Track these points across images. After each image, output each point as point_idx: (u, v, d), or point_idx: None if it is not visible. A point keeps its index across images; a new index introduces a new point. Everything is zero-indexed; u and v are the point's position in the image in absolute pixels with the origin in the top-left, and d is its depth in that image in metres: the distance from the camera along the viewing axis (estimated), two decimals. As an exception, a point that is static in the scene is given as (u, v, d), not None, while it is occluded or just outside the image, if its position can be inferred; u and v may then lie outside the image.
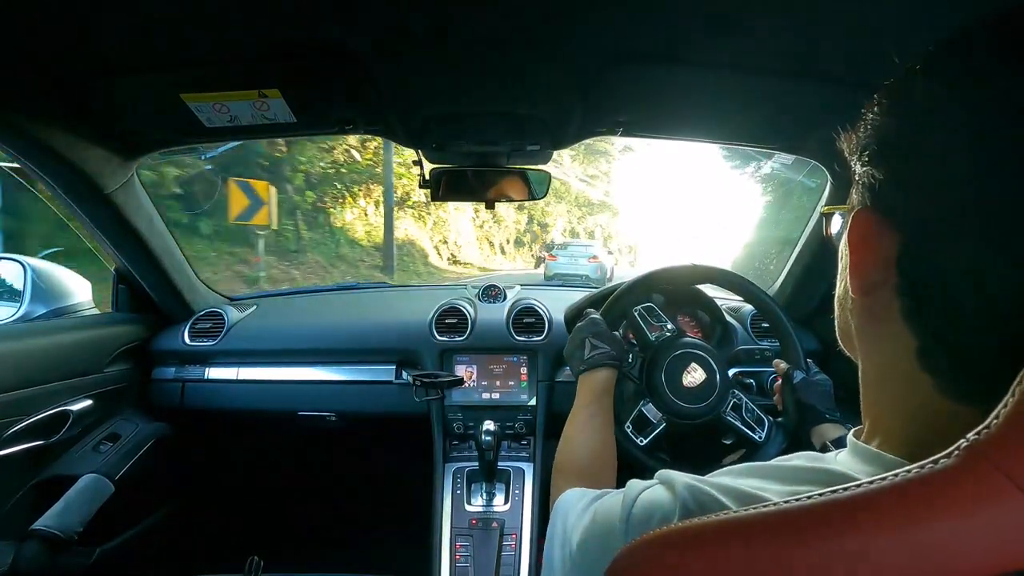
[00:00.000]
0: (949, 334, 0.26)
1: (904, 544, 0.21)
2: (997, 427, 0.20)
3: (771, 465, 0.34)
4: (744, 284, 0.95)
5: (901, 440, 0.29)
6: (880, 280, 0.30)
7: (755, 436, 0.86)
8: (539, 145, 1.05)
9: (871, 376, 0.33)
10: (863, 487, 0.23)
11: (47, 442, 1.03)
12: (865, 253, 0.30)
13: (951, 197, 0.26)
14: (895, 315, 0.29)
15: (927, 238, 0.27)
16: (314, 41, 0.70)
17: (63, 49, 0.69)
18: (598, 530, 0.39)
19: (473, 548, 1.05)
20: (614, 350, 0.82)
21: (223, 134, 0.93)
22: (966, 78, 0.26)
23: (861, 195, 0.31)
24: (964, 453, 0.21)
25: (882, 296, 0.30)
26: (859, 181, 0.32)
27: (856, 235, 0.31)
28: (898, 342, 0.29)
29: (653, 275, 0.96)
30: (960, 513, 0.20)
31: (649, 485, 0.37)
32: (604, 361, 0.80)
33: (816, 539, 0.23)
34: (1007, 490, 0.19)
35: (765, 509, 0.25)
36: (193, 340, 1.30)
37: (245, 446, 1.60)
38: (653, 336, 0.91)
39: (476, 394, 1.25)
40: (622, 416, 0.87)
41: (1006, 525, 0.20)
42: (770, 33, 0.66)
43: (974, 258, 0.25)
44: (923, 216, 0.27)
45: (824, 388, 0.83)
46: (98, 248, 1.19)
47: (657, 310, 0.93)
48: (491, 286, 1.51)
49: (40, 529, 0.95)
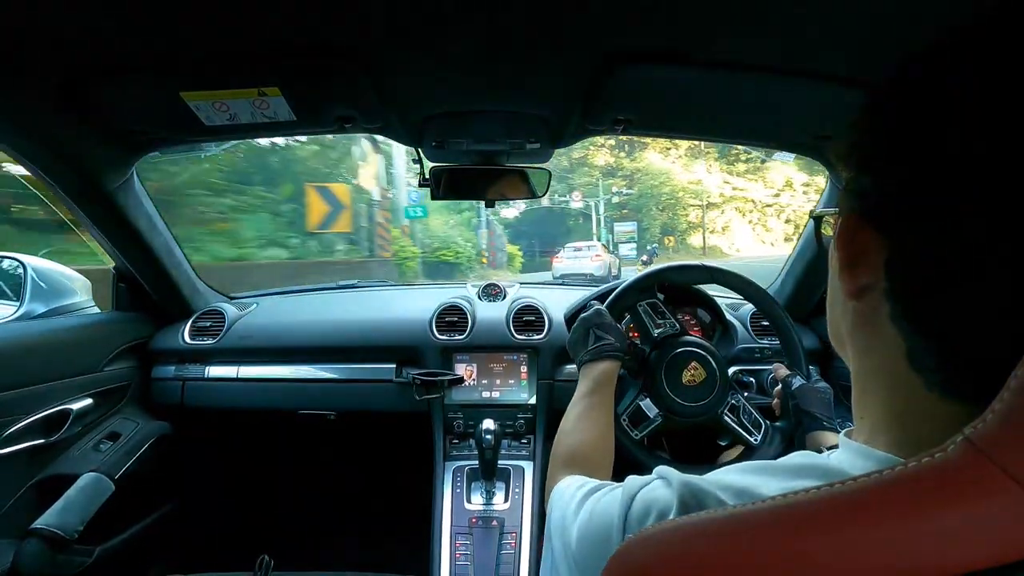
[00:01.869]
0: (938, 335, 0.27)
1: (898, 536, 0.21)
2: (992, 421, 0.20)
3: (767, 463, 0.34)
4: (747, 284, 0.96)
5: (894, 438, 0.30)
6: (869, 284, 0.30)
7: (751, 439, 0.87)
8: (539, 143, 1.05)
9: (862, 377, 0.34)
10: (858, 481, 0.23)
11: (47, 441, 1.03)
12: (853, 256, 0.31)
13: (939, 201, 0.25)
14: (884, 318, 0.29)
15: (914, 242, 0.27)
16: (314, 40, 0.70)
17: (62, 47, 0.69)
18: (596, 526, 0.39)
19: (473, 547, 1.05)
20: (618, 342, 0.82)
21: (223, 132, 0.93)
22: (953, 79, 0.26)
23: (850, 200, 0.31)
24: (959, 446, 0.21)
25: (872, 300, 0.30)
26: (848, 186, 0.32)
27: (844, 239, 0.31)
28: (888, 344, 0.29)
29: (657, 273, 0.97)
30: (955, 505, 0.20)
31: (647, 481, 0.38)
32: (607, 352, 0.80)
33: (812, 532, 0.23)
34: (1002, 482, 0.19)
35: (762, 504, 0.25)
36: (193, 339, 1.30)
37: (245, 445, 1.60)
38: (656, 332, 0.91)
39: (476, 393, 1.25)
40: (618, 408, 0.87)
41: (1001, 517, 0.20)
42: (771, 32, 0.66)
43: (964, 259, 0.25)
44: (909, 220, 0.27)
45: (824, 396, 0.83)
46: (98, 247, 1.18)
47: (661, 306, 0.94)
48: (491, 284, 1.51)
49: (40, 528, 0.95)
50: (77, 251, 2.58)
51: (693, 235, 29.34)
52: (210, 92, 0.79)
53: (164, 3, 0.61)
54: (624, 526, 0.36)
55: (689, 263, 0.99)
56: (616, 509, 0.37)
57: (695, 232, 29.41)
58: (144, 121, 0.90)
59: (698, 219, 29.46)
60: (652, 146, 28.70)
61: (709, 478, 0.34)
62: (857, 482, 0.23)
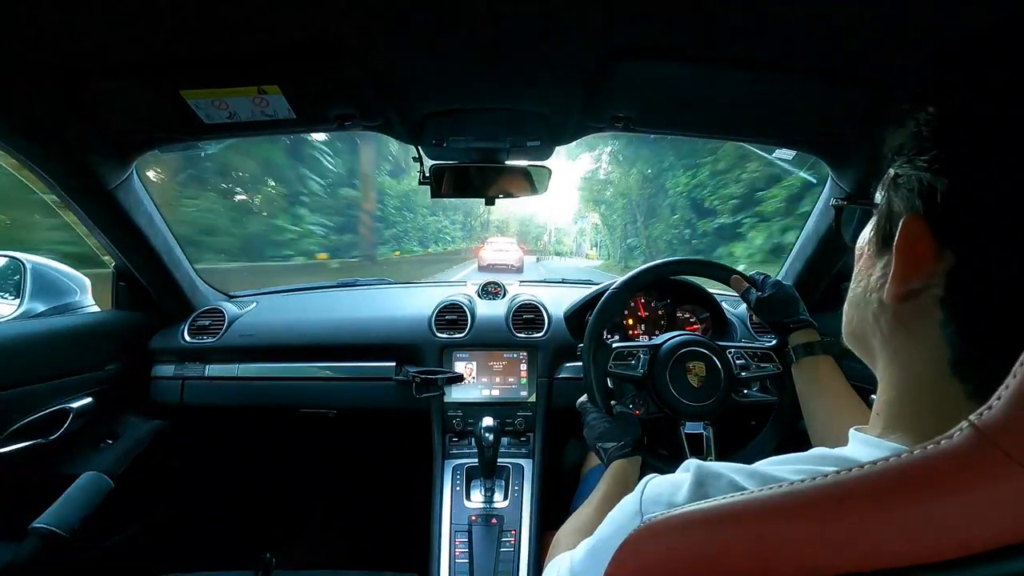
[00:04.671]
0: (996, 349, 0.25)
1: (906, 519, 0.22)
2: (998, 407, 0.21)
3: (786, 455, 0.34)
4: (670, 261, 0.94)
5: (912, 436, 0.29)
6: (919, 288, 0.28)
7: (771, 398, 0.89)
8: (539, 141, 1.05)
9: (894, 380, 0.32)
10: (867, 467, 0.23)
11: (47, 440, 1.03)
12: (912, 261, 0.29)
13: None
14: (932, 324, 0.28)
15: (991, 260, 0.25)
16: (313, 38, 0.70)
17: (62, 46, 0.69)
18: (615, 520, 0.39)
19: (472, 544, 1.06)
20: (621, 440, 0.81)
21: (222, 131, 0.93)
22: None
23: (909, 200, 0.29)
24: (966, 433, 0.21)
25: (919, 304, 0.29)
26: (903, 184, 0.30)
27: (905, 242, 0.29)
28: (930, 349, 0.28)
29: (638, 274, 0.94)
30: (961, 489, 0.21)
31: (662, 474, 0.38)
32: (618, 455, 0.80)
33: (823, 516, 0.24)
34: (1007, 467, 0.20)
35: (778, 488, 0.26)
36: (193, 337, 1.30)
37: (244, 443, 1.60)
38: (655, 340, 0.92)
39: (476, 390, 1.26)
40: (650, 443, 0.86)
41: (1006, 500, 0.20)
42: (771, 28, 0.66)
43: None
44: (993, 235, 0.25)
45: (780, 296, 0.84)
46: (98, 245, 1.18)
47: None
48: (491, 283, 1.51)
49: (40, 527, 0.95)
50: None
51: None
52: (210, 91, 0.79)
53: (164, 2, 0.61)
54: (640, 511, 0.35)
55: (659, 262, 0.96)
56: (631, 504, 0.37)
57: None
58: (144, 120, 0.90)
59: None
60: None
61: (726, 464, 0.34)
62: (867, 468, 0.23)
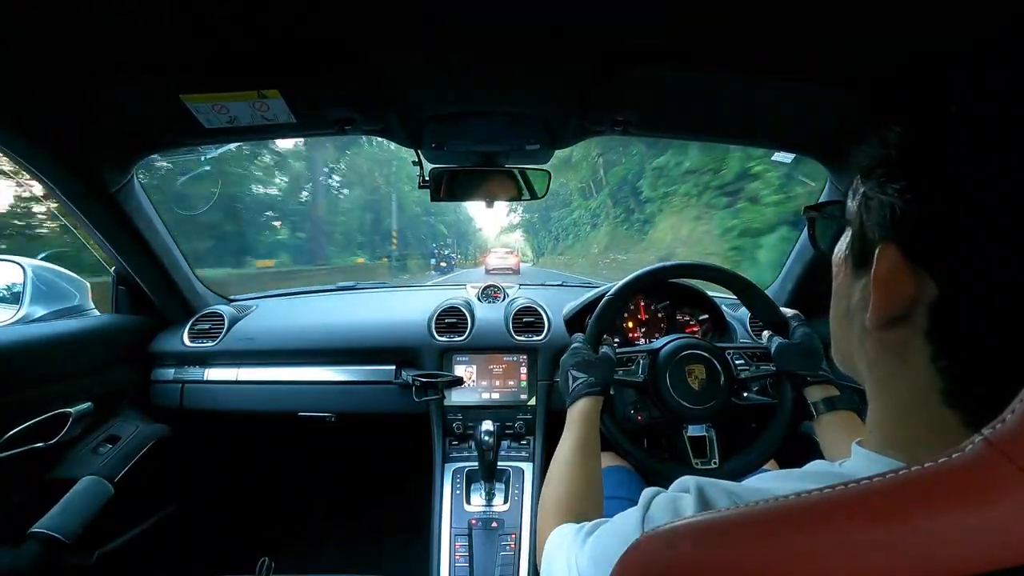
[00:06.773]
0: (986, 379, 0.25)
1: (910, 535, 0.21)
2: (1012, 421, 0.20)
3: (784, 471, 0.34)
4: (708, 265, 0.91)
5: (910, 455, 0.29)
6: (901, 316, 0.28)
7: (771, 399, 0.88)
8: (539, 144, 1.05)
9: (885, 403, 0.32)
10: (875, 480, 0.22)
11: (46, 444, 1.02)
12: (891, 292, 0.28)
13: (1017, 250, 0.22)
14: (919, 356, 0.27)
15: (979, 292, 0.24)
16: (313, 42, 0.70)
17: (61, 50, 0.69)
18: (617, 531, 0.38)
19: (472, 548, 1.05)
20: (594, 376, 0.78)
21: (222, 135, 0.93)
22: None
23: (882, 226, 0.28)
24: (978, 446, 0.21)
25: (903, 334, 0.28)
26: (873, 203, 0.29)
27: (883, 274, 0.28)
28: (919, 379, 0.27)
29: (637, 277, 0.94)
30: (972, 504, 0.20)
31: (663, 489, 0.38)
32: (584, 391, 0.77)
33: (822, 529, 0.23)
34: (1021, 481, 0.19)
35: (774, 501, 0.25)
36: (192, 341, 1.30)
37: (244, 447, 1.60)
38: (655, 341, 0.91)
39: (476, 394, 1.25)
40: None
41: (1020, 516, 0.20)
42: (771, 32, 0.66)
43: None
44: (975, 267, 0.24)
45: (804, 348, 0.80)
46: (97, 249, 1.18)
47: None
48: (491, 286, 1.51)
49: (39, 532, 0.95)
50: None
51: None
52: (210, 94, 0.79)
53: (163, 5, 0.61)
54: (643, 522, 0.35)
55: (662, 264, 0.93)
56: (634, 516, 0.37)
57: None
58: (144, 123, 0.91)
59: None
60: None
61: (726, 481, 0.34)
62: (870, 482, 0.22)
